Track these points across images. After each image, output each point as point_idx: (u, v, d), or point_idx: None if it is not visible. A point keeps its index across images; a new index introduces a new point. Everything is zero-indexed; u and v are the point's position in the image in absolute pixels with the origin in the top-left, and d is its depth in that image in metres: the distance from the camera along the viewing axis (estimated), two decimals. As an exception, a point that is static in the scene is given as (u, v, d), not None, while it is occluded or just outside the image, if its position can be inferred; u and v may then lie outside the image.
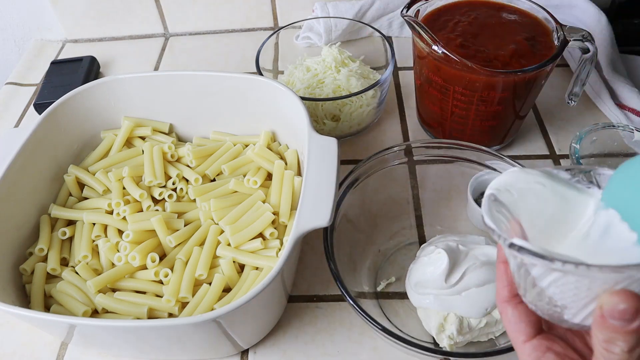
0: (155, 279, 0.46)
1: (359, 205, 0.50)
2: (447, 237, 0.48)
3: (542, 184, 0.30)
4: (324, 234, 0.44)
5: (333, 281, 0.42)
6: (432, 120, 0.62)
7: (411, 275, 0.47)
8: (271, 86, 0.52)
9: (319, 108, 0.61)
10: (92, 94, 0.54)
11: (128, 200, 0.51)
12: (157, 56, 0.82)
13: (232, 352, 0.46)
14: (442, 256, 0.44)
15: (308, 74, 0.65)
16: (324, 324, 0.49)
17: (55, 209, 0.50)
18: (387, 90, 0.64)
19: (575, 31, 0.52)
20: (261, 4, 0.81)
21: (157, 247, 0.48)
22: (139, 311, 0.43)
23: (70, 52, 0.83)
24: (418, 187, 0.54)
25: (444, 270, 0.43)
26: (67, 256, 0.49)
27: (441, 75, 0.54)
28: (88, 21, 0.83)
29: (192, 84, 0.54)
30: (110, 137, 0.56)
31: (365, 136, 0.66)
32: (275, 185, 0.50)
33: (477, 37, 0.54)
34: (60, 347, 0.48)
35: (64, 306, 0.45)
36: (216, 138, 0.58)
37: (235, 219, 0.48)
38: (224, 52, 0.81)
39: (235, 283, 0.45)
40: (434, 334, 0.44)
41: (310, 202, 0.41)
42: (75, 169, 0.53)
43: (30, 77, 0.80)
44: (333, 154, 0.44)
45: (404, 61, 0.76)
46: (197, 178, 0.53)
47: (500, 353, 0.38)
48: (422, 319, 0.45)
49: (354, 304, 0.40)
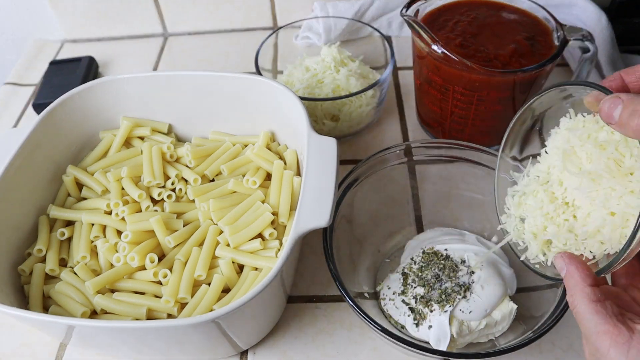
0: (154, 279, 0.45)
1: (359, 205, 0.50)
2: (436, 232, 0.49)
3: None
4: (324, 234, 0.44)
5: (332, 282, 0.42)
6: (431, 120, 0.62)
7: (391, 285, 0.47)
8: (270, 86, 0.52)
9: (318, 108, 0.61)
10: (91, 94, 0.54)
11: (127, 201, 0.51)
12: (156, 56, 0.82)
13: (232, 352, 0.46)
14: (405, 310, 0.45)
15: (307, 73, 0.65)
16: (324, 324, 0.48)
17: (53, 210, 0.50)
18: (387, 90, 0.64)
19: (575, 31, 0.52)
20: (260, 4, 0.81)
21: (156, 248, 0.48)
22: (138, 312, 0.43)
23: (69, 52, 0.83)
24: (418, 187, 0.54)
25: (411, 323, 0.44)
26: (66, 257, 0.49)
27: (441, 75, 0.54)
28: (87, 21, 0.83)
29: (191, 84, 0.54)
30: (109, 137, 0.56)
31: (364, 136, 0.66)
32: (274, 185, 0.50)
33: (477, 36, 0.54)
34: (59, 348, 0.48)
35: (63, 307, 0.44)
36: (215, 138, 0.58)
37: (235, 220, 0.47)
38: (223, 52, 0.81)
39: (235, 283, 0.45)
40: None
41: (309, 202, 0.41)
42: (73, 169, 0.53)
43: (29, 77, 0.80)
44: (332, 154, 0.44)
45: (404, 61, 0.76)
46: (196, 178, 0.52)
47: (500, 354, 0.38)
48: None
49: (354, 305, 0.40)
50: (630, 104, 0.29)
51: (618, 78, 0.34)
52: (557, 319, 0.39)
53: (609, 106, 0.30)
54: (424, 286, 0.45)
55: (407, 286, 0.46)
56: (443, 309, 0.43)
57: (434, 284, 0.45)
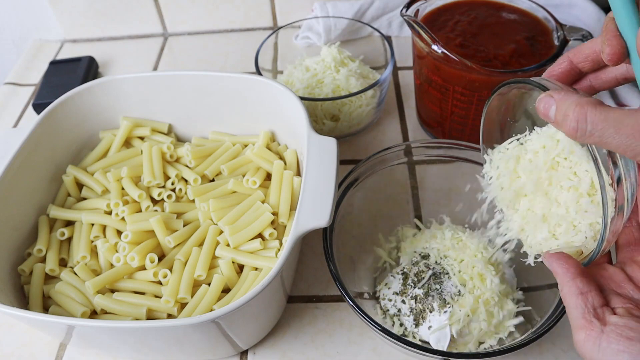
0: (154, 279, 0.45)
1: (359, 205, 0.50)
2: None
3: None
4: (324, 234, 0.44)
5: (332, 282, 0.42)
6: (431, 120, 0.62)
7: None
8: (270, 86, 0.52)
9: (318, 108, 0.61)
10: (90, 94, 0.54)
11: (127, 201, 0.51)
12: (156, 56, 0.82)
13: (232, 352, 0.46)
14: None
15: (307, 73, 0.65)
16: (324, 324, 0.48)
17: (53, 210, 0.50)
18: (387, 90, 0.64)
19: (575, 30, 0.52)
20: (260, 4, 0.81)
21: (156, 248, 0.48)
22: (138, 312, 0.43)
23: (68, 52, 0.83)
24: (418, 187, 0.54)
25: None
26: (66, 257, 0.49)
27: (441, 75, 0.54)
28: (87, 21, 0.83)
29: (191, 84, 0.54)
30: (109, 137, 0.56)
31: (364, 136, 0.66)
32: (274, 185, 0.50)
33: (477, 36, 0.54)
34: (58, 348, 0.48)
35: (63, 307, 0.44)
36: (215, 138, 0.58)
37: (235, 220, 0.47)
38: (223, 52, 0.81)
39: (235, 283, 0.45)
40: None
41: (309, 202, 0.41)
42: (73, 169, 0.53)
43: (28, 77, 0.80)
44: (332, 154, 0.44)
45: (404, 61, 0.76)
46: (196, 178, 0.52)
47: (500, 354, 0.38)
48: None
49: (354, 305, 0.40)
50: (562, 105, 0.29)
51: (566, 61, 0.34)
52: (557, 319, 0.39)
53: (544, 106, 0.30)
54: (423, 286, 0.45)
55: (407, 286, 0.46)
56: (443, 309, 0.43)
57: (433, 284, 0.45)
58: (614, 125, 0.26)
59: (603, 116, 0.27)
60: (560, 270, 0.33)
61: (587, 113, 0.27)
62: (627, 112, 0.26)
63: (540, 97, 0.30)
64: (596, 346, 0.29)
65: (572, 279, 0.32)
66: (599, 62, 0.33)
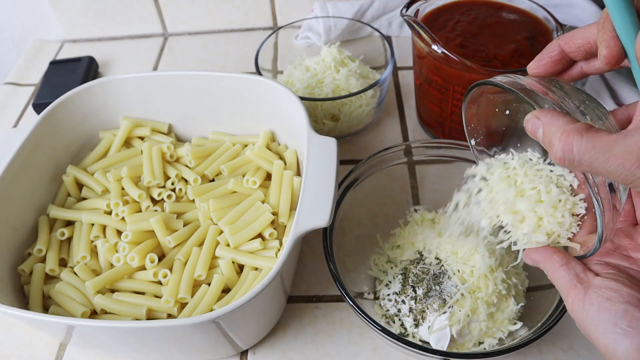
0: (154, 279, 0.45)
1: (359, 205, 0.50)
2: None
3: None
4: (324, 234, 0.44)
5: (332, 281, 0.42)
6: (431, 120, 0.62)
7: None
8: (270, 86, 0.52)
9: (318, 108, 0.61)
10: (90, 94, 0.54)
11: (127, 201, 0.51)
12: (156, 56, 0.82)
13: (232, 352, 0.46)
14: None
15: (307, 73, 0.65)
16: (324, 324, 0.48)
17: (53, 210, 0.50)
18: (387, 90, 0.64)
19: (575, 31, 0.52)
20: (260, 4, 0.81)
21: (156, 248, 0.48)
22: (138, 312, 0.43)
23: (68, 52, 0.83)
24: (418, 187, 0.54)
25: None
26: (66, 257, 0.49)
27: (441, 75, 0.54)
28: (87, 21, 0.83)
29: (191, 84, 0.54)
30: (109, 137, 0.56)
31: (364, 136, 0.66)
32: (274, 185, 0.50)
33: (477, 36, 0.54)
34: (58, 348, 0.48)
35: (63, 307, 0.44)
36: (215, 138, 0.58)
37: (235, 220, 0.47)
38: (223, 52, 0.81)
39: (235, 283, 0.45)
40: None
41: (309, 202, 0.41)
42: (73, 169, 0.53)
43: (28, 77, 0.80)
44: (332, 154, 0.44)
45: (404, 61, 0.76)
46: (196, 178, 0.52)
47: (500, 354, 0.38)
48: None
49: (354, 305, 0.40)
50: (548, 131, 0.28)
51: (557, 49, 0.33)
52: (557, 319, 0.39)
53: (531, 128, 0.29)
54: (423, 286, 0.45)
55: (407, 286, 0.46)
56: (443, 309, 0.43)
57: (433, 284, 0.45)
58: (603, 154, 0.26)
59: (590, 145, 0.26)
60: (539, 256, 0.34)
61: (574, 142, 0.26)
62: (615, 139, 0.26)
63: (527, 118, 0.29)
64: (581, 308, 0.30)
65: (550, 257, 0.33)
66: (593, 53, 0.32)
